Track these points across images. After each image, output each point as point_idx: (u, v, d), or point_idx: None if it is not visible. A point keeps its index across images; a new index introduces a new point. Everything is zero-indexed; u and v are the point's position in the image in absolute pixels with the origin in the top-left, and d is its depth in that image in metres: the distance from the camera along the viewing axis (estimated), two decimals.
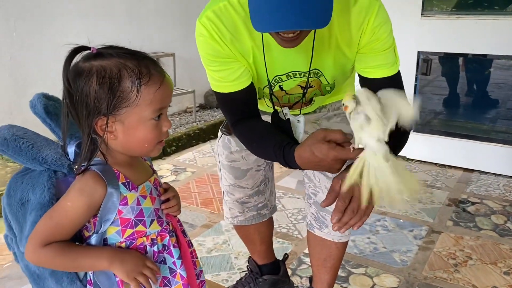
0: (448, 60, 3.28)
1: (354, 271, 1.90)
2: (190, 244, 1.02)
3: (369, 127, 0.93)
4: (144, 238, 0.92)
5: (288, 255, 1.79)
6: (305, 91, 1.28)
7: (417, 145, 3.13)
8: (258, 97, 1.35)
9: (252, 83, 1.24)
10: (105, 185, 0.86)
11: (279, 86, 1.27)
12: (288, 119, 1.24)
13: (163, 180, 2.96)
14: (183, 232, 1.01)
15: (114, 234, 0.90)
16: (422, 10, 2.92)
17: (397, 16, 2.95)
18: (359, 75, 1.24)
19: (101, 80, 0.83)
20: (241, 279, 1.74)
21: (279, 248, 2.04)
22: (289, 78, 1.25)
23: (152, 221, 0.93)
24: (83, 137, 0.87)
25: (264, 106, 1.43)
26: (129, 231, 0.90)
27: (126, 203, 0.89)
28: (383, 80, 1.17)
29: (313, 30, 1.11)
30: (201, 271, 1.05)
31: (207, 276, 1.88)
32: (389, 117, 0.93)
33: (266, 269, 1.69)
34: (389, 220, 2.33)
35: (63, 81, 0.85)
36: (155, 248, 0.93)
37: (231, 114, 1.29)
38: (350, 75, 1.35)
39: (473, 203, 2.53)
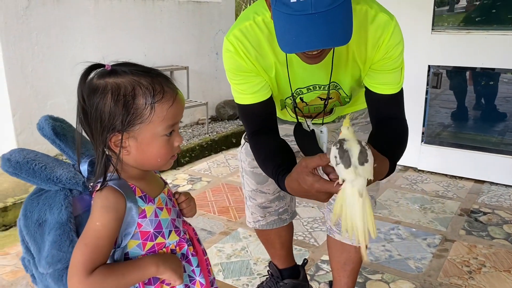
0: (458, 73, 3.36)
1: (371, 277, 1.95)
2: (204, 252, 1.04)
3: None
4: (164, 250, 0.94)
5: (307, 260, 1.84)
6: (326, 102, 1.35)
7: (428, 157, 3.20)
8: (280, 108, 1.43)
9: (271, 96, 1.32)
10: (124, 199, 0.87)
11: (300, 98, 1.35)
12: (313, 130, 1.32)
13: (180, 189, 3.04)
14: (198, 240, 1.04)
15: (135, 248, 0.91)
16: (433, 25, 3.01)
17: (409, 31, 3.04)
18: (366, 88, 1.31)
19: (116, 98, 0.84)
20: (262, 283, 1.80)
21: (297, 255, 2.09)
22: (309, 91, 1.32)
23: (170, 231, 0.95)
24: (96, 153, 0.88)
25: (287, 116, 1.51)
26: (149, 244, 0.92)
27: (145, 216, 0.90)
28: (386, 96, 1.26)
29: (331, 50, 1.19)
30: (214, 278, 1.07)
31: (228, 281, 1.94)
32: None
33: (287, 273, 1.74)
34: (403, 229, 2.38)
35: (78, 98, 0.86)
36: None
37: (249, 125, 1.36)
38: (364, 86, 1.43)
39: (484, 213, 2.57)
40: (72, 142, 1.00)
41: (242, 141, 1.62)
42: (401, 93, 1.29)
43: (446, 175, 3.16)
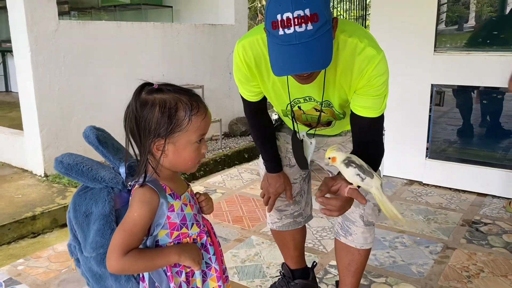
0: (460, 92, 3.52)
1: (376, 280, 2.10)
2: (219, 244, 1.21)
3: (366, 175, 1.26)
4: (188, 239, 1.11)
5: (316, 263, 2.00)
6: (320, 113, 1.53)
7: (433, 171, 3.35)
8: (283, 114, 1.64)
9: (262, 99, 1.59)
10: (158, 196, 1.05)
11: (298, 106, 1.54)
12: (303, 140, 1.53)
13: None
14: (214, 234, 1.21)
15: (164, 236, 1.08)
16: (435, 46, 3.20)
17: (412, 52, 3.25)
18: (351, 110, 1.46)
19: (162, 110, 1.02)
20: (274, 283, 1.96)
21: (307, 260, 2.24)
22: (306, 101, 1.51)
23: (192, 224, 1.11)
24: (141, 155, 1.05)
25: (289, 124, 1.69)
26: (175, 233, 1.09)
27: (173, 210, 1.07)
28: (367, 119, 1.41)
29: (322, 73, 1.36)
30: (226, 267, 1.25)
31: (242, 283, 2.10)
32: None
33: (298, 273, 1.90)
34: (407, 238, 2.53)
35: (131, 109, 1.03)
36: (197, 245, 1.13)
37: (246, 108, 1.67)
38: None
39: (485, 224, 2.71)
40: (112, 148, 1.18)
41: None
42: (381, 118, 1.44)
43: (450, 188, 3.31)
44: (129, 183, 1.10)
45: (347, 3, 8.49)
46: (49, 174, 3.74)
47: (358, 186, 1.27)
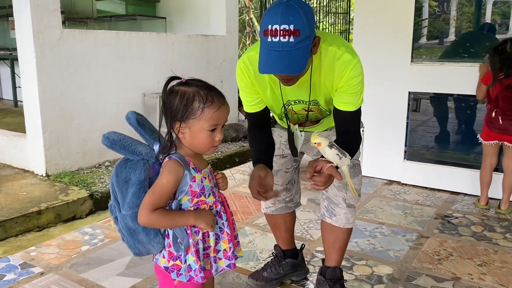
0: (435, 99, 3.84)
1: (357, 263, 2.35)
2: (231, 214, 1.43)
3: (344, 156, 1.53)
4: (205, 206, 1.33)
5: (305, 245, 2.25)
6: (307, 113, 1.80)
7: (411, 172, 3.64)
8: (279, 118, 1.88)
9: (264, 109, 1.83)
10: (183, 168, 1.27)
11: (291, 107, 1.81)
12: (293, 132, 1.83)
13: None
14: (227, 205, 1.43)
15: (186, 201, 1.30)
16: (412, 57, 3.51)
17: (391, 62, 3.57)
18: (333, 106, 1.74)
19: (181, 98, 1.24)
20: (267, 262, 2.20)
21: (296, 245, 2.49)
22: (296, 103, 1.78)
23: (209, 194, 1.34)
24: (167, 133, 1.29)
25: (285, 124, 1.95)
26: (195, 200, 1.31)
27: (195, 181, 1.29)
28: (347, 112, 1.69)
29: (309, 77, 1.64)
30: (237, 234, 1.50)
31: (238, 265, 2.33)
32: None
33: (288, 253, 2.15)
34: (386, 228, 2.80)
35: (162, 95, 1.27)
36: (213, 212, 1.35)
37: (250, 123, 1.89)
38: None
39: (456, 217, 3.00)
40: (148, 129, 1.39)
41: None
42: (359, 111, 1.72)
43: (426, 187, 3.60)
44: (160, 157, 1.32)
45: (332, 17, 8.87)
46: (50, 174, 3.94)
47: (337, 167, 1.54)
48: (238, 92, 1.87)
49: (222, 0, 5.61)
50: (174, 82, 1.30)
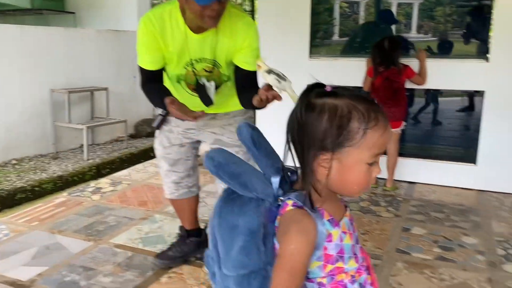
0: None
1: None
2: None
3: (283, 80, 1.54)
4: (344, 275, 0.92)
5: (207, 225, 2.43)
6: (209, 73, 1.91)
7: None
8: (176, 80, 1.95)
9: (161, 69, 1.89)
10: (316, 224, 0.87)
11: (193, 67, 1.91)
12: (204, 84, 1.92)
13: (103, 191, 3.41)
14: (374, 271, 1.01)
15: (315, 269, 0.91)
16: (310, 53, 3.84)
17: (291, 57, 3.87)
18: (235, 66, 1.88)
19: (332, 118, 0.84)
20: (173, 243, 2.35)
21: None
22: (198, 62, 1.90)
23: (350, 257, 0.93)
24: (302, 169, 0.89)
25: (181, 92, 1.99)
26: (329, 267, 0.91)
27: (331, 240, 0.90)
28: (250, 72, 1.86)
29: (215, 32, 1.79)
30: None
31: (147, 248, 2.46)
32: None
33: (193, 233, 2.32)
34: None
35: (295, 113, 0.88)
36: (355, 286, 0.94)
37: (143, 77, 1.93)
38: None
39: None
40: (264, 151, 1.01)
41: (156, 133, 2.18)
42: (256, 72, 1.84)
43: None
44: (281, 198, 0.92)
45: None
46: None
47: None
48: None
49: None
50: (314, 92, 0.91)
